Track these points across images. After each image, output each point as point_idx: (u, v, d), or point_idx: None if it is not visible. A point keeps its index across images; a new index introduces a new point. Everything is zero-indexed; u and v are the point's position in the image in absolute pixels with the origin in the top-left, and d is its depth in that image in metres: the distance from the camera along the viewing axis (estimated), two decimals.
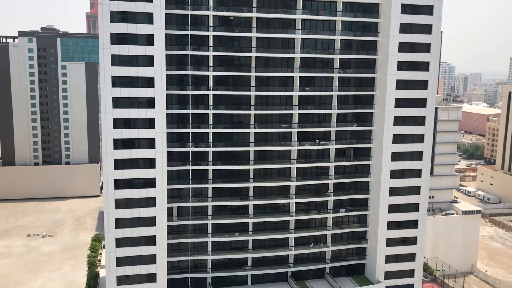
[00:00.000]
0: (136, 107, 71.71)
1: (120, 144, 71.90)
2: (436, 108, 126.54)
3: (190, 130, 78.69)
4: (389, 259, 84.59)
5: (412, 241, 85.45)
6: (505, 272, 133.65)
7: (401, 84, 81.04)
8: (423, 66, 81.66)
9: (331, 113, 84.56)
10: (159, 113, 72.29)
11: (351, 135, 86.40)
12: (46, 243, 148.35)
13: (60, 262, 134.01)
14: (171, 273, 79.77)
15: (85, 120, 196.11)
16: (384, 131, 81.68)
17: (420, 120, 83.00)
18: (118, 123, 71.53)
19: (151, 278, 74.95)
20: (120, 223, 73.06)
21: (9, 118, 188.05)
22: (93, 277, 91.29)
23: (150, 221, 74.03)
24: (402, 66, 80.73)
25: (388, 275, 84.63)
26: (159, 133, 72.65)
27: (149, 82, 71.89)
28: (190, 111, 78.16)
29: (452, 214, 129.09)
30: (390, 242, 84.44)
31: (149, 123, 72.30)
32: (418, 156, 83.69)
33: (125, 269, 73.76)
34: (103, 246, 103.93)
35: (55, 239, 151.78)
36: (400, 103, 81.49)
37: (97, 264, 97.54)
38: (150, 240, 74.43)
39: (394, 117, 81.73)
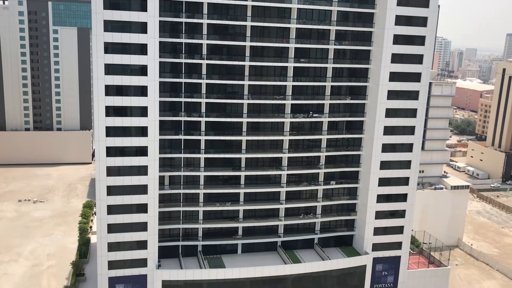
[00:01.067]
0: (128, 74, 70.89)
1: (112, 111, 71.37)
2: (430, 83, 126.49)
3: (183, 100, 78.13)
4: (377, 231, 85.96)
5: (400, 214, 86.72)
6: (489, 246, 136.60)
7: (396, 58, 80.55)
8: (419, 40, 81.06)
9: (325, 86, 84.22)
10: (152, 81, 71.58)
11: (345, 109, 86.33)
12: (37, 209, 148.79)
13: (51, 228, 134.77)
14: (162, 240, 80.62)
15: (76, 86, 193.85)
16: (378, 105, 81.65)
17: (414, 95, 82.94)
18: (110, 90, 70.83)
19: (142, 245, 75.73)
20: (112, 190, 73.25)
21: None
22: (84, 243, 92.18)
23: (142, 189, 74.27)
24: (398, 39, 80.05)
25: (376, 247, 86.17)
26: (152, 101, 72.10)
27: (142, 49, 70.86)
28: (183, 80, 77.41)
29: (441, 188, 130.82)
30: (379, 215, 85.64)
31: (142, 91, 71.65)
32: (410, 130, 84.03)
33: (117, 236, 74.38)
34: (95, 213, 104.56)
35: (46, 205, 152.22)
36: (394, 77, 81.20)
37: (88, 231, 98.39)
38: (142, 208, 74.86)
39: (388, 91, 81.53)
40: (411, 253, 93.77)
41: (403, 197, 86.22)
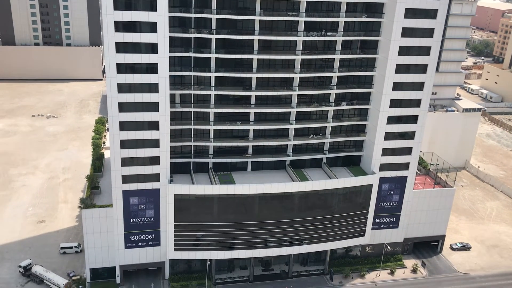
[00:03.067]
0: None
1: (121, 27, 69.89)
2: (450, 1, 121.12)
3: (192, 15, 75.93)
4: (386, 152, 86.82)
5: (410, 135, 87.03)
6: (496, 168, 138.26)
7: None
8: None
9: (340, 2, 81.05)
10: None
11: (360, 27, 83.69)
12: (51, 124, 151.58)
13: (65, 143, 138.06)
14: (174, 157, 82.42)
15: (84, 0, 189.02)
16: (394, 23, 78.94)
17: (432, 14, 79.80)
18: (119, 4, 68.82)
19: (155, 161, 77.58)
20: (124, 107, 73.70)
21: None
22: (98, 158, 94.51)
23: (153, 107, 74.63)
24: None
25: (383, 167, 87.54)
26: (161, 16, 70.24)
27: None
28: None
29: (453, 111, 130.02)
30: (388, 136, 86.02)
31: (151, 5, 69.55)
32: (425, 51, 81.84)
33: (129, 152, 76.03)
34: (107, 129, 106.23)
35: (59, 120, 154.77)
36: None
37: (102, 146, 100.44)
38: (153, 125, 75.67)
39: (406, 9, 78.41)
40: (417, 173, 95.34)
41: (413, 119, 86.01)
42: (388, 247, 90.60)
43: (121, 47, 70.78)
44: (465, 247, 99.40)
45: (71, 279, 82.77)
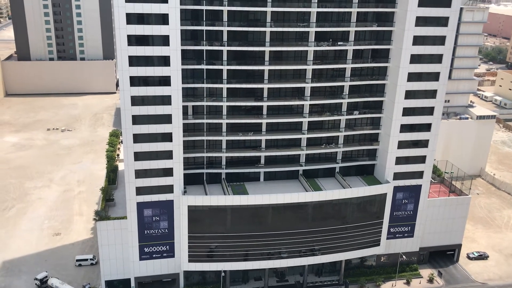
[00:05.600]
0: (149, 1, 69.47)
1: (134, 40, 70.91)
2: (461, 9, 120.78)
3: (204, 28, 76.80)
4: (399, 160, 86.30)
5: (423, 144, 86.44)
6: None
7: None
8: None
9: (350, 12, 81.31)
10: (173, 8, 70.17)
11: (370, 36, 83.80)
12: (66, 137, 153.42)
13: (79, 156, 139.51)
14: (187, 168, 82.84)
15: (98, 15, 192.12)
16: (405, 32, 78.91)
17: (443, 21, 79.65)
18: (132, 18, 69.89)
19: (168, 172, 78.03)
20: (137, 119, 74.47)
21: (21, 11, 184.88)
22: (112, 170, 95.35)
23: (166, 119, 75.28)
24: None
25: (397, 176, 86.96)
26: (173, 30, 71.12)
27: None
28: (204, 7, 75.65)
29: (467, 118, 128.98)
30: (402, 144, 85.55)
31: (163, 19, 70.54)
32: (437, 59, 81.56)
33: (143, 164, 76.64)
34: (121, 142, 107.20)
35: (74, 134, 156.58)
36: (423, 2, 77.68)
37: (116, 158, 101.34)
38: (167, 137, 76.28)
39: (416, 17, 78.42)
40: (432, 182, 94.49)
41: (427, 127, 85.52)
42: (404, 256, 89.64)
43: (134, 61, 71.74)
44: (482, 256, 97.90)
45: None
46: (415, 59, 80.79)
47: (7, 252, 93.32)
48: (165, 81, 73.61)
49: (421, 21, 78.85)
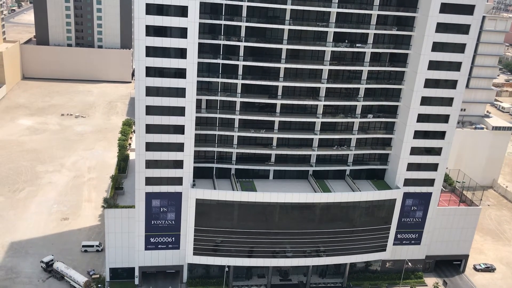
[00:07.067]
0: None
1: (152, 31, 71.03)
2: (483, 17, 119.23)
3: (222, 22, 76.68)
4: (411, 167, 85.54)
5: (436, 151, 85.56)
6: None
7: None
8: None
9: (371, 14, 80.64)
10: (192, 1, 70.11)
11: (389, 40, 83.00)
12: (79, 123, 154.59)
13: (92, 142, 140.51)
14: (198, 161, 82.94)
15: (117, 4, 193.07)
16: (425, 37, 78.03)
17: (464, 29, 78.63)
18: (151, 9, 70.02)
19: (179, 164, 78.18)
20: (151, 110, 74.64)
21: None
22: (123, 159, 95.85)
23: (179, 111, 75.35)
24: None
25: (408, 182, 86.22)
26: (191, 22, 71.08)
27: None
28: (224, 1, 75.51)
29: (482, 128, 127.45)
30: (414, 151, 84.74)
31: (182, 11, 70.52)
32: (456, 66, 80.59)
33: (154, 154, 76.88)
34: (133, 131, 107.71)
35: (88, 120, 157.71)
36: (445, 8, 76.76)
37: (127, 147, 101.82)
38: (179, 129, 76.39)
39: (437, 23, 77.49)
40: (443, 190, 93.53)
41: (441, 135, 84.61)
42: (409, 263, 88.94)
43: (151, 51, 71.86)
44: (489, 269, 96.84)
45: (91, 277, 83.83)
46: (433, 65, 79.89)
47: (15, 234, 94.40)
48: (180, 73, 73.64)
49: (441, 28, 77.94)
